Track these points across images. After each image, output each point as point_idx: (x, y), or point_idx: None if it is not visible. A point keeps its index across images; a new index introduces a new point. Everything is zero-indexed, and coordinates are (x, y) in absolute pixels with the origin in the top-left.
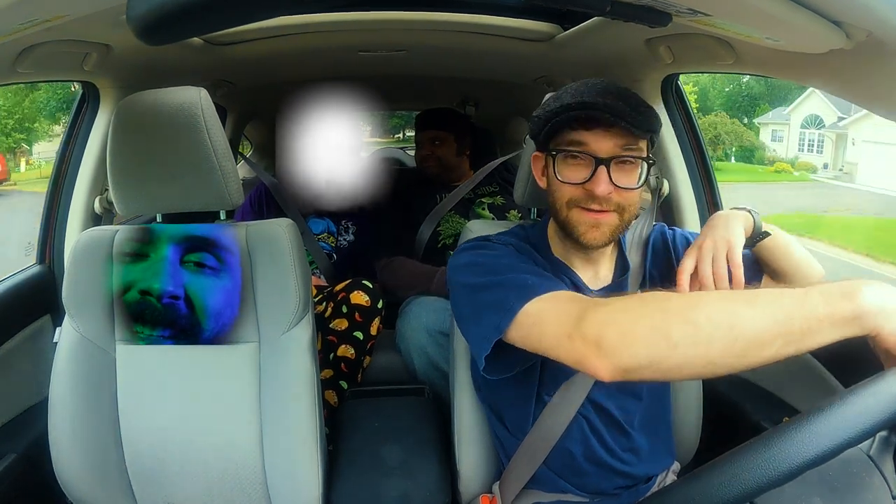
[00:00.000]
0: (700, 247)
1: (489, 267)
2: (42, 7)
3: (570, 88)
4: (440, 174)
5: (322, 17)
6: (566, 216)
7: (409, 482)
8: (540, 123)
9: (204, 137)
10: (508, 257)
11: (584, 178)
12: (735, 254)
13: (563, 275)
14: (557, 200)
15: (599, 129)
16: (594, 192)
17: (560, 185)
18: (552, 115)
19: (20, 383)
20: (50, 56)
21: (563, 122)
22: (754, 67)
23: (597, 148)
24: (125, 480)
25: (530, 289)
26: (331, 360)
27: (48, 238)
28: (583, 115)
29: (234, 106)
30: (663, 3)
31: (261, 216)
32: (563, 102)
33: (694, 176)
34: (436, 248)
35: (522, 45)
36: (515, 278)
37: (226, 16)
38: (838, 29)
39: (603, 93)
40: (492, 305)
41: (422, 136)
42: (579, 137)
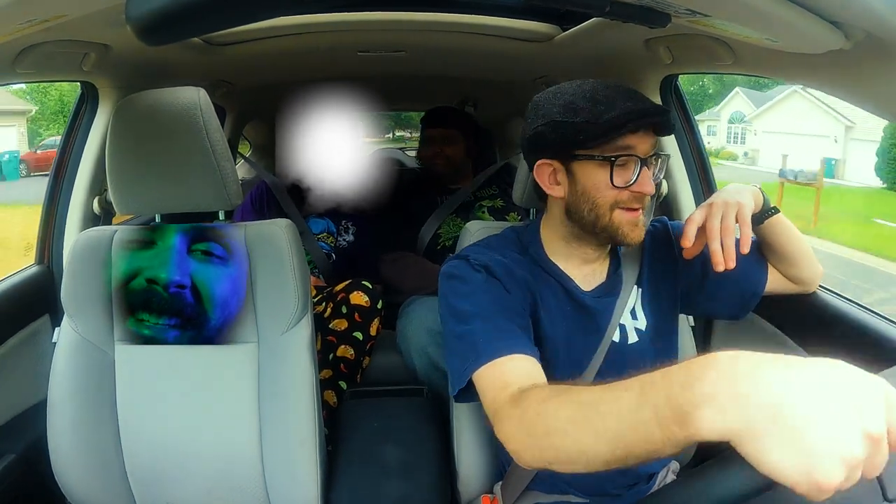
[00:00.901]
0: (711, 204)
1: (458, 312)
2: (41, 7)
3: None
4: (446, 174)
5: (321, 17)
6: (608, 220)
7: (409, 483)
8: (595, 130)
9: (203, 138)
10: (479, 294)
11: (629, 180)
12: (745, 213)
13: (553, 279)
14: (601, 206)
15: (641, 132)
16: (643, 192)
17: (609, 190)
18: (617, 121)
19: (19, 384)
20: (49, 56)
21: (616, 128)
22: (753, 68)
23: (641, 150)
24: (124, 481)
25: (480, 354)
26: (330, 361)
27: (47, 238)
28: (646, 122)
29: (233, 106)
30: (662, 4)
31: (261, 215)
32: (624, 109)
33: (693, 176)
34: (436, 249)
35: (522, 46)
36: (476, 334)
37: (225, 16)
38: (837, 29)
39: (640, 98)
40: (458, 353)
41: (431, 132)
42: (630, 142)
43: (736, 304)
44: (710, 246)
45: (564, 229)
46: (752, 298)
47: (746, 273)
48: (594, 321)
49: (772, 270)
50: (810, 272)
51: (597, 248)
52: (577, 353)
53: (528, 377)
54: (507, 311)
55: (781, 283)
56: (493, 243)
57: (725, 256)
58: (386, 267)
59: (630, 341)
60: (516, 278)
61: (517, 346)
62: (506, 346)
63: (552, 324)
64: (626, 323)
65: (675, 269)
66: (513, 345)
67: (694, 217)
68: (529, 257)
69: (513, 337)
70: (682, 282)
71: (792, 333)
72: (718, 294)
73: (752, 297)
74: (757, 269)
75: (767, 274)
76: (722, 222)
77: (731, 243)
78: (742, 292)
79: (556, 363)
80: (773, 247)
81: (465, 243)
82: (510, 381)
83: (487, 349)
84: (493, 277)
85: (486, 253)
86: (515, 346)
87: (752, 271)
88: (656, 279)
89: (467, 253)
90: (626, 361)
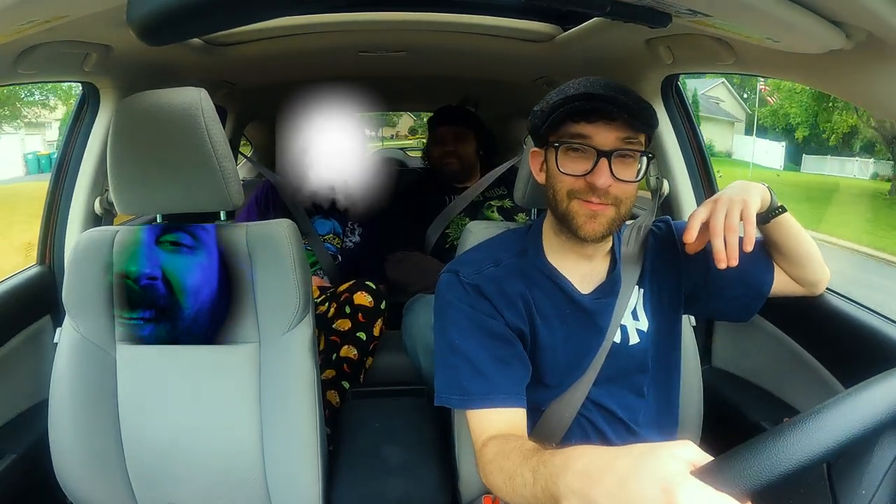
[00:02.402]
0: (716, 200)
1: (446, 337)
2: (42, 7)
3: (572, 83)
4: (457, 172)
5: (322, 17)
6: (566, 208)
7: (410, 482)
8: (543, 116)
9: (204, 138)
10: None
11: (586, 171)
12: (749, 212)
13: (550, 281)
14: (557, 192)
15: (601, 122)
16: (595, 184)
17: (561, 176)
18: (556, 106)
19: (20, 384)
20: (50, 56)
21: (566, 114)
22: (754, 68)
23: (599, 141)
24: (125, 480)
25: (467, 398)
26: (333, 361)
27: (48, 238)
28: (586, 107)
29: (235, 106)
30: (663, 4)
31: (266, 215)
32: (567, 94)
33: (694, 176)
34: (444, 248)
35: (523, 46)
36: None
37: (226, 16)
38: (838, 29)
39: (605, 87)
40: (444, 377)
41: (443, 130)
42: (582, 130)
43: (741, 306)
44: (713, 243)
45: (553, 220)
46: (757, 300)
47: (752, 274)
48: (594, 322)
49: (778, 272)
50: (817, 275)
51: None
52: (577, 355)
53: (504, 426)
54: (493, 344)
55: (787, 285)
56: (491, 247)
57: (728, 254)
58: (392, 266)
59: (631, 342)
60: (507, 293)
61: (499, 396)
62: (489, 398)
63: (549, 329)
64: (628, 324)
65: (679, 269)
66: (496, 395)
67: (698, 212)
68: (528, 259)
69: (495, 384)
70: (687, 283)
71: (795, 335)
72: (723, 295)
73: (757, 299)
74: (762, 269)
75: (773, 275)
76: (726, 219)
77: (735, 241)
78: (747, 293)
79: (556, 367)
80: (779, 247)
81: (466, 243)
82: (487, 429)
83: (474, 397)
84: (482, 297)
85: (478, 266)
86: (497, 397)
87: (757, 272)
88: (658, 280)
89: (458, 267)
90: (628, 362)
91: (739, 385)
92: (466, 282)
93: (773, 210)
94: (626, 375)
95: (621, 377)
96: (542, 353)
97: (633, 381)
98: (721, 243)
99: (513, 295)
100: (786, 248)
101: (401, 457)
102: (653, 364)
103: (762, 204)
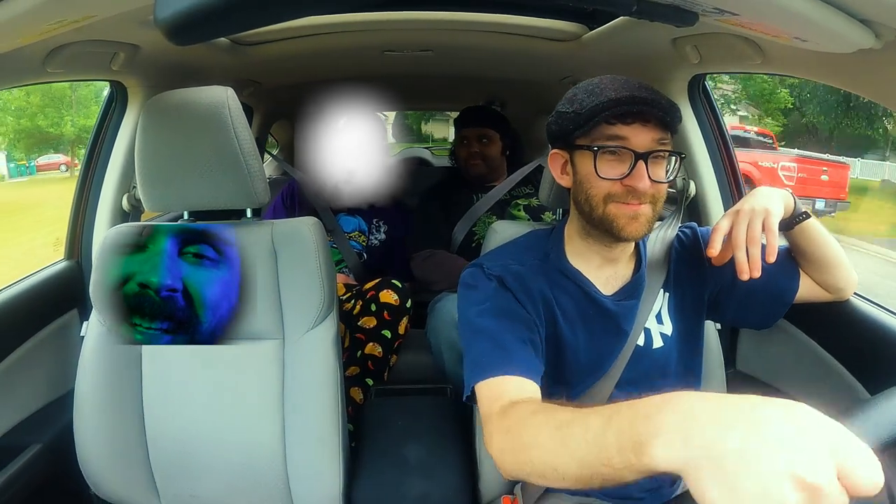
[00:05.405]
0: (738, 211)
1: (470, 323)
2: (71, 7)
3: (596, 86)
4: (485, 174)
5: (348, 17)
6: (602, 213)
7: (430, 481)
8: (579, 119)
9: (231, 136)
10: (489, 307)
11: (622, 174)
12: (772, 222)
13: (573, 283)
14: (593, 198)
15: (637, 124)
16: (636, 188)
17: (598, 181)
18: (598, 109)
19: (47, 376)
20: (78, 56)
21: (605, 118)
22: (782, 67)
23: (636, 143)
24: (148, 473)
25: (483, 369)
26: (358, 358)
27: (76, 234)
28: (627, 110)
29: (261, 105)
30: (690, 3)
31: (292, 213)
32: (606, 97)
33: (721, 177)
34: (470, 247)
35: (548, 45)
36: (482, 350)
37: (252, 16)
38: (867, 28)
39: (637, 88)
40: (468, 364)
41: (469, 132)
42: (618, 132)
43: (763, 314)
44: (736, 255)
45: (579, 223)
46: (782, 307)
47: (776, 283)
48: (617, 324)
49: (804, 277)
50: (844, 280)
51: (612, 244)
52: (600, 356)
53: (522, 393)
54: (515, 326)
55: (814, 291)
56: (514, 248)
57: (751, 265)
58: (417, 264)
59: (655, 346)
60: (530, 290)
61: (518, 367)
62: (507, 367)
63: (572, 330)
64: (652, 327)
65: (703, 275)
66: (514, 366)
67: (720, 225)
68: (550, 263)
69: (515, 357)
70: (711, 289)
71: (820, 339)
72: (747, 302)
73: (781, 306)
74: (788, 276)
75: (799, 281)
76: (748, 231)
77: (757, 253)
78: (770, 302)
79: (578, 367)
80: (804, 252)
81: (490, 243)
82: (504, 395)
83: (489, 367)
84: (505, 288)
85: (503, 261)
86: (516, 368)
87: (782, 279)
88: (683, 284)
89: (483, 261)
90: (651, 366)
91: (763, 389)
92: (491, 273)
93: (798, 216)
94: (647, 378)
95: (643, 380)
96: (564, 352)
97: (655, 384)
98: (744, 255)
99: (535, 293)
100: (811, 254)
101: (422, 456)
102: (675, 368)
103: (786, 210)
